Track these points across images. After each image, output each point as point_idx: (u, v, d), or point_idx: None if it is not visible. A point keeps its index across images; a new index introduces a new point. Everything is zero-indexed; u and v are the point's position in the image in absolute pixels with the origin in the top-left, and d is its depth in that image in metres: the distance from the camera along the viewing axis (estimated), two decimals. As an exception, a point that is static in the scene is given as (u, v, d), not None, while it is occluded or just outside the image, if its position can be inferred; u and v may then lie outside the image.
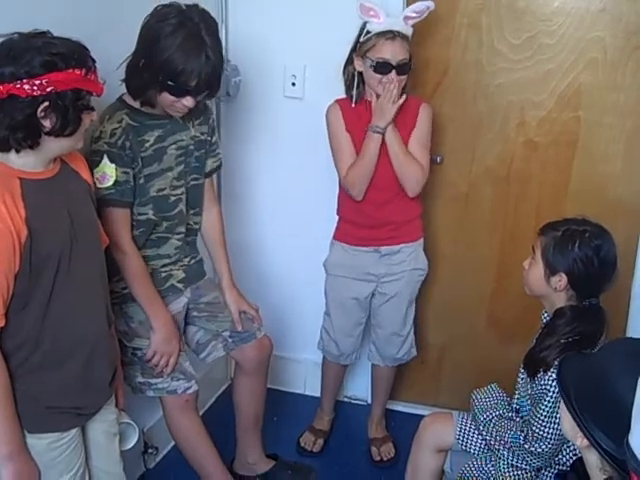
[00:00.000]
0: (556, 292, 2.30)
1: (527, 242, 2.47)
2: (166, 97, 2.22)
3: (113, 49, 2.20)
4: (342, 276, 2.97)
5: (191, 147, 2.45)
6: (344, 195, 2.91)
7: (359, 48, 2.71)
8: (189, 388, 2.53)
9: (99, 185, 2.19)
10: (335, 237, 2.99)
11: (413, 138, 2.77)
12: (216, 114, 3.23)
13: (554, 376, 2.17)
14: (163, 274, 2.49)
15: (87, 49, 1.80)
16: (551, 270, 2.28)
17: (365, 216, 2.87)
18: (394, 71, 2.65)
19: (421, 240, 2.94)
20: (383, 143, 2.72)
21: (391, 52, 2.65)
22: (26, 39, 1.73)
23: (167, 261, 2.49)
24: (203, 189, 2.59)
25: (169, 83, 2.17)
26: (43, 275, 1.80)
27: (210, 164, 2.59)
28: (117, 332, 2.34)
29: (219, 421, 2.90)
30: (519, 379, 2.42)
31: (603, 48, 2.83)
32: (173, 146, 2.38)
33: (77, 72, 1.74)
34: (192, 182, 2.49)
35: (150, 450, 2.92)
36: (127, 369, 2.45)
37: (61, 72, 1.71)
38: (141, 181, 2.32)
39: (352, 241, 2.93)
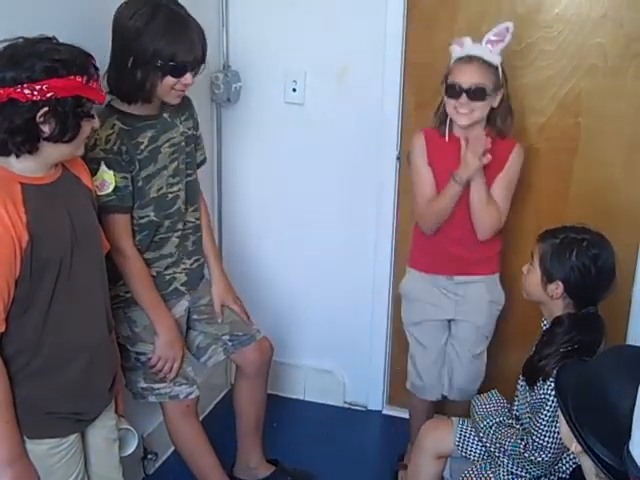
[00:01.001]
0: (553, 300, 2.30)
1: (527, 247, 2.47)
2: (168, 82, 2.24)
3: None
4: (417, 300, 2.88)
5: (182, 143, 2.46)
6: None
7: (444, 78, 2.63)
8: (191, 393, 2.53)
9: (99, 193, 2.19)
10: (410, 264, 2.91)
11: (500, 182, 2.67)
12: (217, 120, 3.24)
13: (552, 385, 2.17)
14: (167, 277, 2.48)
15: (91, 57, 1.81)
16: (548, 277, 2.29)
17: (439, 249, 2.78)
18: (464, 95, 2.54)
19: (496, 275, 2.85)
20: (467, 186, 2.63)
21: (464, 75, 2.54)
22: (30, 44, 1.74)
23: (170, 261, 2.48)
24: (198, 184, 2.59)
25: (170, 64, 2.20)
26: (44, 280, 1.80)
27: (198, 157, 2.61)
28: (120, 337, 2.36)
29: (219, 426, 2.90)
30: (519, 386, 2.42)
31: (604, 54, 2.83)
32: (166, 144, 2.39)
33: (78, 79, 1.74)
34: (187, 178, 2.49)
35: (149, 456, 2.92)
36: (129, 375, 2.45)
37: (62, 78, 1.72)
38: (140, 184, 2.32)
39: (425, 269, 2.84)
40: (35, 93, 1.69)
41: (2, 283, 1.72)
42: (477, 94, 2.55)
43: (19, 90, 1.69)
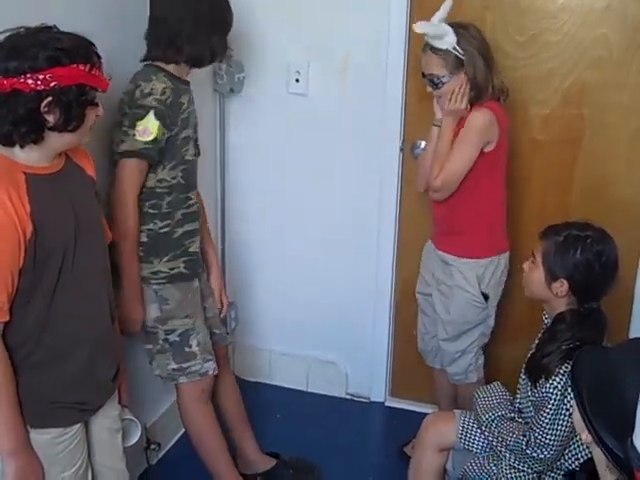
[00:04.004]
0: (557, 297, 2.29)
1: (529, 242, 2.46)
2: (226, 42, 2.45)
3: (119, 45, 2.21)
4: (421, 268, 2.98)
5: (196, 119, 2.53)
6: None
7: None
8: (215, 368, 2.58)
9: (138, 137, 2.25)
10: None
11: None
12: (220, 111, 3.23)
13: (555, 383, 2.18)
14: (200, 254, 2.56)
15: (93, 45, 1.80)
16: (552, 276, 2.28)
17: (433, 213, 2.86)
18: (428, 81, 2.66)
19: (483, 260, 2.77)
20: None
21: (423, 63, 2.66)
22: (32, 34, 1.73)
23: (198, 238, 2.54)
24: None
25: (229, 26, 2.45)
26: (47, 270, 1.80)
27: None
28: (148, 322, 2.43)
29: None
30: (520, 379, 2.41)
31: (608, 46, 2.82)
32: (193, 114, 2.46)
33: (81, 67, 1.74)
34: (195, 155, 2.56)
35: (152, 446, 2.93)
36: (159, 359, 2.49)
37: (65, 67, 1.71)
38: (178, 143, 2.37)
39: (431, 235, 2.92)
40: (38, 83, 1.69)
41: (6, 273, 1.72)
42: (432, 82, 2.65)
43: (22, 80, 1.69)
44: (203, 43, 2.35)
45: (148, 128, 2.25)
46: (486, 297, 2.77)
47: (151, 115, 2.25)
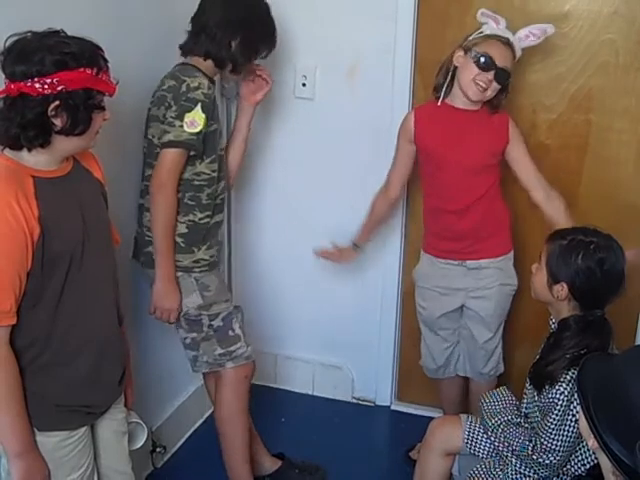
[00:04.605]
0: (558, 301, 2.29)
1: (536, 246, 2.46)
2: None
3: (129, 51, 2.23)
4: (430, 289, 2.89)
5: None
6: (427, 206, 2.87)
7: (466, 42, 2.63)
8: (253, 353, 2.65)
9: (186, 128, 2.33)
10: (423, 248, 2.93)
11: (524, 156, 2.72)
12: (226, 115, 3.23)
13: (561, 389, 2.17)
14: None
15: (100, 49, 1.81)
16: (553, 279, 2.27)
17: (446, 226, 2.80)
18: (493, 72, 2.58)
19: (510, 254, 2.84)
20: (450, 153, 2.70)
21: (499, 54, 2.59)
22: (39, 38, 1.73)
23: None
24: None
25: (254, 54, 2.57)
26: (55, 274, 1.80)
27: None
28: (189, 312, 2.50)
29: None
30: (527, 384, 2.41)
31: (615, 51, 2.82)
32: (217, 110, 2.54)
33: (88, 71, 1.75)
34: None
35: (158, 449, 2.93)
36: (204, 346, 2.56)
37: (72, 71, 1.72)
38: (215, 136, 2.47)
39: (438, 254, 2.85)
40: (46, 87, 1.70)
41: (14, 276, 1.72)
42: (502, 77, 2.61)
43: (30, 84, 1.69)
44: (220, 44, 2.45)
45: (196, 120, 2.34)
46: None
47: (199, 107, 2.34)
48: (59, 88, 1.71)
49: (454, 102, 2.70)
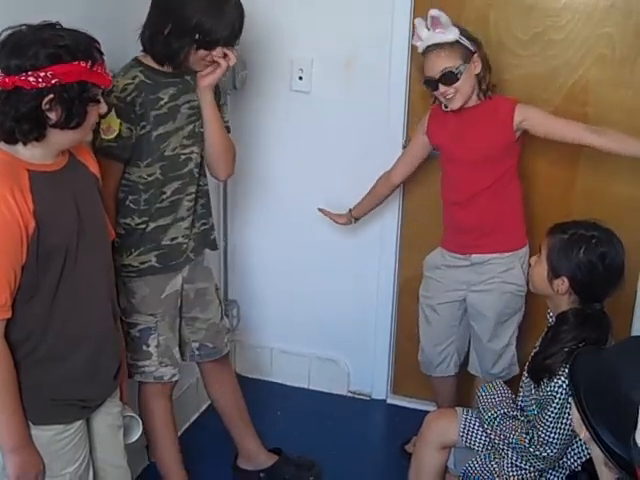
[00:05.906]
0: (558, 294, 2.29)
1: (534, 240, 2.46)
2: (200, 54, 2.29)
3: (119, 44, 2.21)
4: (435, 279, 2.90)
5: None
6: (442, 199, 2.86)
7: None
8: (174, 375, 2.53)
9: (103, 136, 2.22)
10: (441, 243, 2.92)
11: (548, 118, 2.70)
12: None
13: (559, 382, 2.18)
14: (183, 246, 2.49)
15: (96, 41, 1.80)
16: (554, 272, 2.28)
17: (452, 218, 2.82)
18: (440, 84, 2.60)
19: (521, 252, 2.77)
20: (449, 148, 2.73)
21: (432, 67, 2.60)
22: (33, 31, 1.73)
23: (184, 226, 2.47)
24: None
25: (207, 39, 2.25)
26: (50, 267, 1.80)
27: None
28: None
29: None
30: (523, 378, 2.41)
31: (612, 44, 2.81)
32: (186, 105, 2.40)
33: (83, 64, 1.74)
34: (202, 142, 2.50)
35: (153, 443, 2.92)
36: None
37: (66, 64, 1.71)
38: (152, 139, 2.33)
39: (448, 246, 2.85)
40: (40, 80, 1.69)
41: (9, 270, 1.72)
42: (449, 78, 2.59)
43: (24, 78, 1.69)
44: (161, 42, 2.27)
45: (111, 126, 2.22)
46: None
47: (112, 113, 2.19)
48: (53, 81, 1.70)
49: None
